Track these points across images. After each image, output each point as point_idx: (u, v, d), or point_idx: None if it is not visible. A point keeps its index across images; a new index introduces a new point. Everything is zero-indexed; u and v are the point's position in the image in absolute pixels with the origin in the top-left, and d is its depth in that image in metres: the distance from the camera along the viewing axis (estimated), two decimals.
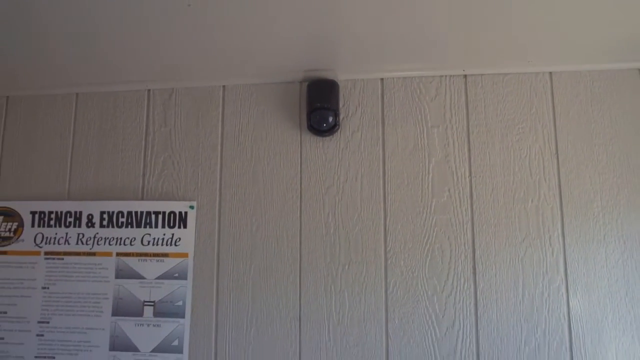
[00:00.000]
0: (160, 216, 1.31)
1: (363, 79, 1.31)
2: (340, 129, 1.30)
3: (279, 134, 1.32)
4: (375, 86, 1.31)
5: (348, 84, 1.32)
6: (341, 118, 1.30)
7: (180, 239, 1.29)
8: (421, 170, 1.27)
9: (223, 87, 1.36)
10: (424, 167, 1.27)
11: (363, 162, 1.28)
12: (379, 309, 1.22)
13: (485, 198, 1.24)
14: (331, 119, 1.26)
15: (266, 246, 1.27)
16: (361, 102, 1.31)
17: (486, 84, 1.28)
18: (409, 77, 1.30)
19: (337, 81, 1.29)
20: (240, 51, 1.20)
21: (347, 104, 1.31)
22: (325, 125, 1.26)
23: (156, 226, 1.30)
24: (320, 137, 1.30)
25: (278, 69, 1.30)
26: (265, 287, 1.26)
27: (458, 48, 1.20)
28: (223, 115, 1.35)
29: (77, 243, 1.32)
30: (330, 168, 1.29)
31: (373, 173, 1.28)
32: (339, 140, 1.30)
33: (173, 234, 1.30)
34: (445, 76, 1.30)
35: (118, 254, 1.30)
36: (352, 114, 1.31)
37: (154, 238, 1.30)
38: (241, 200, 1.30)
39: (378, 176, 1.28)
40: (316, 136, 1.30)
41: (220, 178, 1.32)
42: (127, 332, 1.26)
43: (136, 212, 1.32)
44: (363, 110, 1.31)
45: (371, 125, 1.30)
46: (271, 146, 1.32)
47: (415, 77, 1.30)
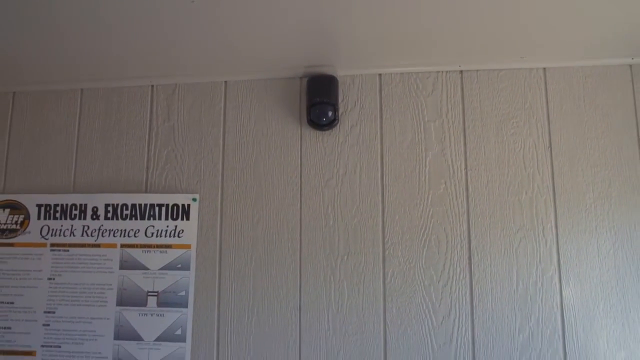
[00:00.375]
0: (163, 208, 1.34)
1: (361, 75, 1.35)
2: (339, 123, 1.33)
3: (280, 128, 1.35)
4: (373, 81, 1.34)
5: (347, 80, 1.35)
6: (340, 113, 1.33)
7: (183, 231, 1.32)
8: (418, 163, 1.30)
9: (225, 83, 1.39)
10: (421, 160, 1.30)
11: (361, 156, 1.32)
12: (377, 299, 1.25)
13: (480, 190, 1.27)
14: (330, 114, 1.28)
15: (267, 238, 1.30)
16: (360, 97, 1.34)
17: (481, 80, 1.32)
18: (407, 73, 1.33)
19: (336, 77, 1.32)
20: (241, 47, 1.23)
21: (346, 99, 1.34)
22: (324, 119, 1.29)
23: (159, 218, 1.33)
24: (319, 131, 1.33)
25: (279, 65, 1.33)
26: (266, 278, 1.29)
27: (454, 45, 1.23)
28: (225, 110, 1.38)
29: (82, 235, 1.35)
30: (329, 161, 1.32)
31: (371, 166, 1.31)
32: (338, 134, 1.33)
33: (176, 226, 1.33)
34: (441, 72, 1.33)
35: (122, 246, 1.33)
36: (351, 109, 1.34)
37: (158, 230, 1.33)
38: (242, 192, 1.33)
39: (376, 169, 1.31)
40: (316, 130, 1.33)
41: (222, 171, 1.35)
42: (131, 322, 1.29)
43: (140, 205, 1.35)
44: (361, 105, 1.34)
45: (369, 119, 1.33)
46: (272, 140, 1.35)
47: (412, 73, 1.33)
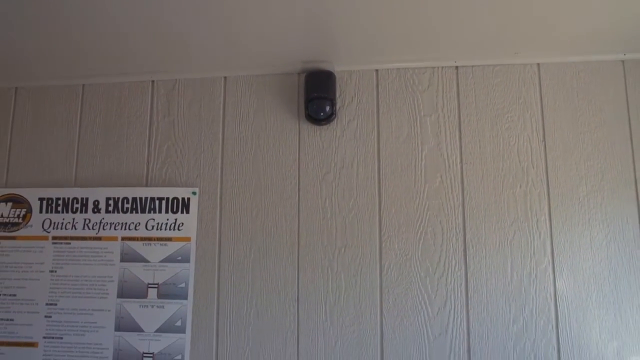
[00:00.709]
0: (163, 202, 1.36)
1: (359, 70, 1.37)
2: (336, 118, 1.35)
3: (278, 123, 1.37)
4: (370, 77, 1.37)
5: (344, 75, 1.37)
6: (338, 107, 1.35)
7: (183, 224, 1.34)
8: (414, 157, 1.32)
9: (224, 78, 1.41)
10: (417, 155, 1.32)
11: (359, 150, 1.34)
12: (374, 290, 1.27)
13: (475, 184, 1.29)
14: (328, 109, 1.30)
15: (265, 230, 1.32)
16: (357, 92, 1.36)
17: (477, 75, 1.34)
18: (403, 69, 1.36)
19: (334, 72, 1.34)
20: (241, 44, 1.25)
21: (344, 94, 1.36)
22: (322, 114, 1.31)
23: (160, 211, 1.35)
24: (317, 126, 1.35)
25: (277, 61, 1.35)
26: (264, 270, 1.31)
27: (449, 40, 1.24)
28: (224, 105, 1.40)
29: (84, 228, 1.37)
30: (327, 155, 1.34)
31: (368, 160, 1.33)
32: (336, 128, 1.35)
33: (176, 219, 1.35)
34: (437, 67, 1.35)
35: (123, 239, 1.35)
36: (348, 104, 1.36)
37: (158, 223, 1.35)
38: (241, 186, 1.35)
39: (373, 163, 1.33)
40: (314, 125, 1.35)
41: (221, 165, 1.37)
42: (132, 313, 1.31)
43: (140, 198, 1.37)
44: (359, 100, 1.36)
45: (366, 114, 1.35)
46: (270, 134, 1.37)
47: (408, 69, 1.35)
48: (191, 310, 1.30)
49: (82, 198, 1.38)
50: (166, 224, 1.35)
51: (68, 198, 1.38)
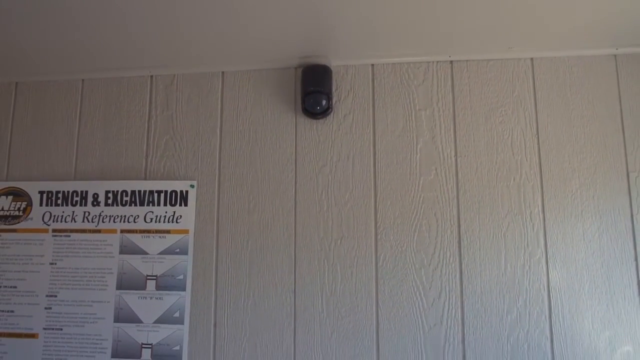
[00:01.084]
0: (162, 195, 1.38)
1: (355, 65, 1.38)
2: (333, 112, 1.37)
3: (275, 117, 1.39)
4: (366, 71, 1.38)
5: (340, 70, 1.39)
6: (334, 102, 1.37)
7: (181, 217, 1.36)
8: (409, 150, 1.33)
9: (222, 73, 1.43)
10: (412, 148, 1.33)
11: (354, 143, 1.35)
12: (370, 281, 1.29)
13: (469, 176, 1.31)
14: (324, 103, 1.32)
15: (263, 223, 1.34)
16: (353, 87, 1.38)
17: (471, 69, 1.35)
18: (398, 63, 1.37)
19: (330, 67, 1.36)
20: (238, 39, 1.27)
21: (340, 89, 1.38)
22: (318, 108, 1.32)
23: (158, 204, 1.37)
24: (314, 120, 1.37)
25: (274, 56, 1.37)
26: (261, 261, 1.32)
27: (444, 35, 1.26)
28: (222, 99, 1.42)
29: (83, 221, 1.38)
30: (323, 149, 1.36)
31: (364, 153, 1.35)
32: (332, 122, 1.37)
33: (174, 212, 1.36)
34: (432, 62, 1.37)
35: (122, 231, 1.37)
36: (344, 98, 1.38)
37: (157, 216, 1.37)
38: (239, 179, 1.37)
39: (369, 156, 1.34)
40: (310, 119, 1.37)
41: (219, 159, 1.39)
42: (131, 305, 1.33)
43: (139, 191, 1.38)
44: (355, 94, 1.38)
45: (362, 108, 1.37)
46: (267, 128, 1.39)
47: (404, 63, 1.37)
48: (189, 301, 1.32)
49: (82, 191, 1.40)
50: (165, 217, 1.36)
51: (68, 191, 1.40)
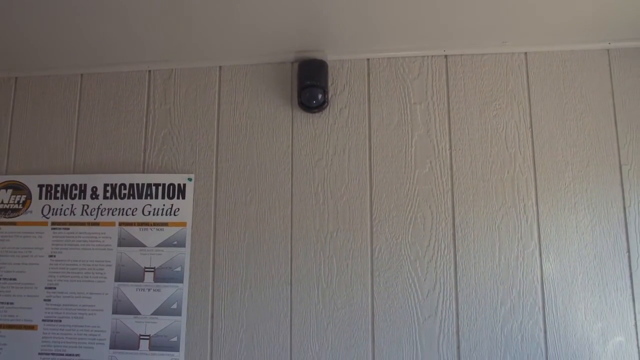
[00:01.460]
0: (160, 188, 1.39)
1: (350, 59, 1.40)
2: (329, 106, 1.38)
3: (272, 111, 1.40)
4: (361, 66, 1.40)
5: (336, 64, 1.40)
6: (330, 96, 1.38)
7: (179, 209, 1.37)
8: (404, 144, 1.35)
9: (219, 68, 1.44)
10: (407, 141, 1.35)
11: (350, 137, 1.37)
12: (365, 273, 1.30)
13: (464, 169, 1.32)
14: (320, 97, 1.33)
15: (259, 215, 1.35)
16: (349, 81, 1.39)
17: (465, 64, 1.37)
18: (394, 58, 1.39)
19: (326, 61, 1.38)
20: (235, 33, 1.29)
21: (336, 83, 1.39)
22: (315, 102, 1.34)
23: (156, 197, 1.38)
24: (310, 114, 1.38)
25: (271, 50, 1.38)
26: (258, 254, 1.34)
27: (439, 30, 1.27)
28: (219, 93, 1.43)
29: (82, 214, 1.40)
30: (319, 142, 1.37)
31: (360, 147, 1.36)
32: (328, 116, 1.38)
33: (172, 205, 1.38)
34: (427, 56, 1.38)
35: (120, 224, 1.38)
36: (340, 92, 1.39)
37: (155, 208, 1.38)
38: (236, 172, 1.38)
39: (364, 150, 1.36)
40: (306, 112, 1.38)
41: (216, 152, 1.40)
42: (129, 297, 1.34)
43: (137, 184, 1.40)
44: (350, 88, 1.39)
45: (358, 102, 1.38)
46: (264, 122, 1.40)
47: (399, 58, 1.39)
48: (187, 293, 1.33)
49: (81, 184, 1.41)
50: (162, 210, 1.38)
51: (67, 184, 1.42)
